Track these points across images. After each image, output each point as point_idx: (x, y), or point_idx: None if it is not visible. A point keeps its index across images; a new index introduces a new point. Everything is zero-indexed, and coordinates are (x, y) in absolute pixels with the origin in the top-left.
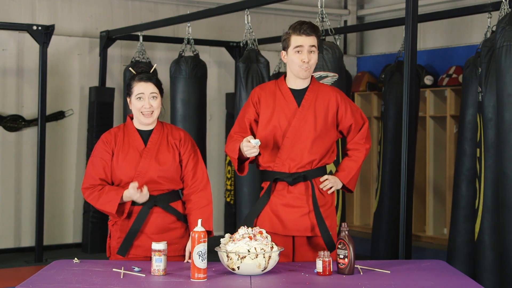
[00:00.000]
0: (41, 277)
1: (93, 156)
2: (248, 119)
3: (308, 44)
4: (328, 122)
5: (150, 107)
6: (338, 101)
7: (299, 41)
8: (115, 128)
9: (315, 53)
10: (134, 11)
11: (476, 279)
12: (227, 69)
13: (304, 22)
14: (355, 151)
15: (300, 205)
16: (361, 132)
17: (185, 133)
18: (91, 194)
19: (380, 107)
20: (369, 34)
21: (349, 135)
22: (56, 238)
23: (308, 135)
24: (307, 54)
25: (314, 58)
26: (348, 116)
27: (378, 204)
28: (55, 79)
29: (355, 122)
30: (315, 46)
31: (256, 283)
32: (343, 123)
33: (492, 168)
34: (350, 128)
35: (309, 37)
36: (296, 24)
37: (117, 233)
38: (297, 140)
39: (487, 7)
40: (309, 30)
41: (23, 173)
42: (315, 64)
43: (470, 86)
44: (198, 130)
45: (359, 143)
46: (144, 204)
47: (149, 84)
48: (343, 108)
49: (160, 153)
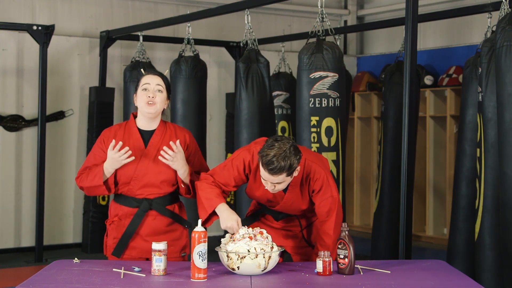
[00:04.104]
0: (41, 277)
1: (90, 152)
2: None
3: (276, 181)
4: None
5: (154, 97)
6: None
7: (266, 176)
8: (116, 126)
9: (282, 184)
10: (134, 11)
11: (476, 279)
12: (227, 69)
13: (274, 162)
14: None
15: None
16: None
17: (190, 135)
18: (80, 178)
19: (380, 107)
20: (369, 34)
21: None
22: (56, 238)
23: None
24: (271, 185)
25: (281, 186)
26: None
27: (378, 204)
28: (55, 79)
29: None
30: (279, 183)
31: (256, 283)
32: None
33: (492, 168)
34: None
35: (278, 176)
36: (266, 160)
37: (113, 233)
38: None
39: (487, 7)
40: (277, 170)
41: (23, 173)
42: (283, 187)
43: (470, 86)
44: (198, 130)
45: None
46: (139, 207)
47: (156, 76)
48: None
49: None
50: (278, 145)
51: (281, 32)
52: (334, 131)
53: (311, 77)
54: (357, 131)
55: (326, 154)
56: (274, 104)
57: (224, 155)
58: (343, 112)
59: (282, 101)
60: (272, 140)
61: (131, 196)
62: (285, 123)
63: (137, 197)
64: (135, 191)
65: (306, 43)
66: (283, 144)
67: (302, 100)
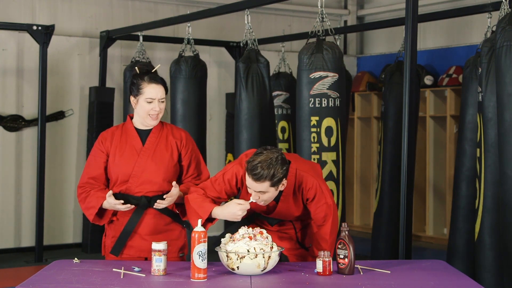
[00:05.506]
0: (41, 277)
1: (90, 155)
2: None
3: (259, 189)
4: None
5: (159, 110)
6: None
7: (250, 184)
8: (114, 127)
9: (266, 194)
10: (134, 11)
11: (476, 279)
12: (227, 69)
13: (258, 167)
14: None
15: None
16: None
17: (186, 134)
18: (80, 195)
19: (380, 107)
20: (369, 34)
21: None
22: (56, 238)
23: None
24: (256, 194)
25: (266, 197)
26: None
27: (378, 204)
28: (55, 79)
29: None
30: (263, 192)
31: (256, 283)
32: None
33: (492, 168)
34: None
35: (261, 184)
36: (251, 166)
37: (112, 232)
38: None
39: (487, 7)
40: (259, 177)
41: (23, 173)
42: (269, 200)
43: (470, 86)
44: (198, 130)
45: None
46: (138, 205)
47: (159, 86)
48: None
49: (158, 153)
50: (266, 153)
51: (281, 32)
52: (334, 131)
53: (311, 77)
54: (357, 131)
55: (326, 154)
56: (274, 104)
57: (224, 155)
58: (343, 112)
59: (282, 101)
60: (262, 149)
61: (130, 194)
62: (285, 123)
63: (136, 195)
64: (133, 189)
65: (306, 43)
66: (271, 153)
67: (302, 100)
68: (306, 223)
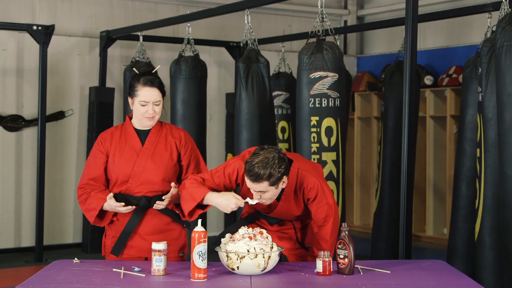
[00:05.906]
0: (41, 277)
1: (89, 156)
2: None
3: (258, 189)
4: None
5: (153, 112)
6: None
7: (249, 184)
8: (113, 128)
9: (267, 193)
10: (134, 11)
11: (476, 279)
12: (227, 69)
13: (254, 168)
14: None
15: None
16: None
17: (185, 134)
18: (80, 196)
19: (380, 107)
20: (369, 34)
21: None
22: (56, 238)
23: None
24: (257, 193)
25: (268, 195)
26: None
27: (378, 204)
28: (55, 79)
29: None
30: (263, 192)
31: (256, 283)
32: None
33: (492, 168)
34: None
35: (259, 184)
36: (248, 167)
37: (112, 232)
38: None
39: (487, 7)
40: (255, 178)
41: (23, 173)
42: (272, 197)
43: (470, 86)
44: (198, 130)
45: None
46: (138, 205)
47: (154, 90)
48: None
49: (157, 153)
50: (263, 153)
51: (281, 32)
52: (334, 131)
53: (311, 77)
54: (357, 131)
55: (326, 154)
56: (274, 104)
57: (224, 155)
58: (343, 112)
59: (282, 101)
60: (259, 149)
61: (130, 194)
62: (285, 123)
63: (136, 195)
64: (133, 189)
65: (306, 43)
66: (268, 153)
67: (302, 100)
68: (306, 223)
